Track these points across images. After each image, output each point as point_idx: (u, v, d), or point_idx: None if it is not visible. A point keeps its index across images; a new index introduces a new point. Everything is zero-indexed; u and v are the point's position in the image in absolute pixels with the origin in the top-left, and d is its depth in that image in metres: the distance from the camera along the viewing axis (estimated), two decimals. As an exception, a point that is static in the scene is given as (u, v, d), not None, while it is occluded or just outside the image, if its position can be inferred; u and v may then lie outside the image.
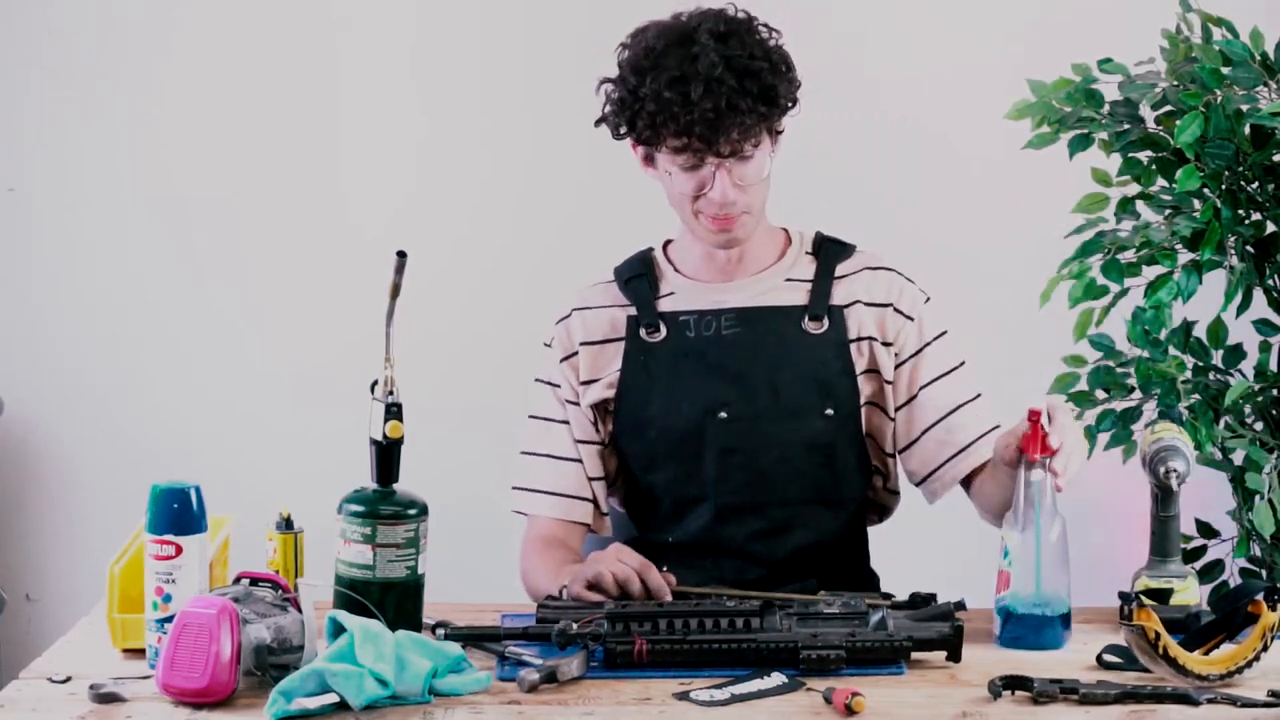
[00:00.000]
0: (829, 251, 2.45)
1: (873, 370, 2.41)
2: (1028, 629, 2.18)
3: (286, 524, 2.32)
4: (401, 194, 3.70)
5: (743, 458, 2.37)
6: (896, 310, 2.42)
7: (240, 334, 3.71)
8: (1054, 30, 3.55)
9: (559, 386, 2.47)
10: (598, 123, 2.39)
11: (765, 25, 2.34)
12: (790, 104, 2.32)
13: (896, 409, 2.43)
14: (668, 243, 2.50)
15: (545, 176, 3.69)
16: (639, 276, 2.46)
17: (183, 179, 3.69)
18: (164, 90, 3.68)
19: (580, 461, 2.45)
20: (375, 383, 2.14)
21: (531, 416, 2.49)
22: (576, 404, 2.45)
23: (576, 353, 2.45)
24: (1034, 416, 2.17)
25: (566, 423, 2.46)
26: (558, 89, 3.69)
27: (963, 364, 2.45)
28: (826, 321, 2.40)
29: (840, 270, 2.43)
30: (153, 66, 3.67)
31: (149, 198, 3.70)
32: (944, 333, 2.44)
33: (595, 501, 2.47)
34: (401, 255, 2.13)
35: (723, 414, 2.37)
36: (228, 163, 3.69)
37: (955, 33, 3.65)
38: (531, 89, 3.68)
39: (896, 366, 2.42)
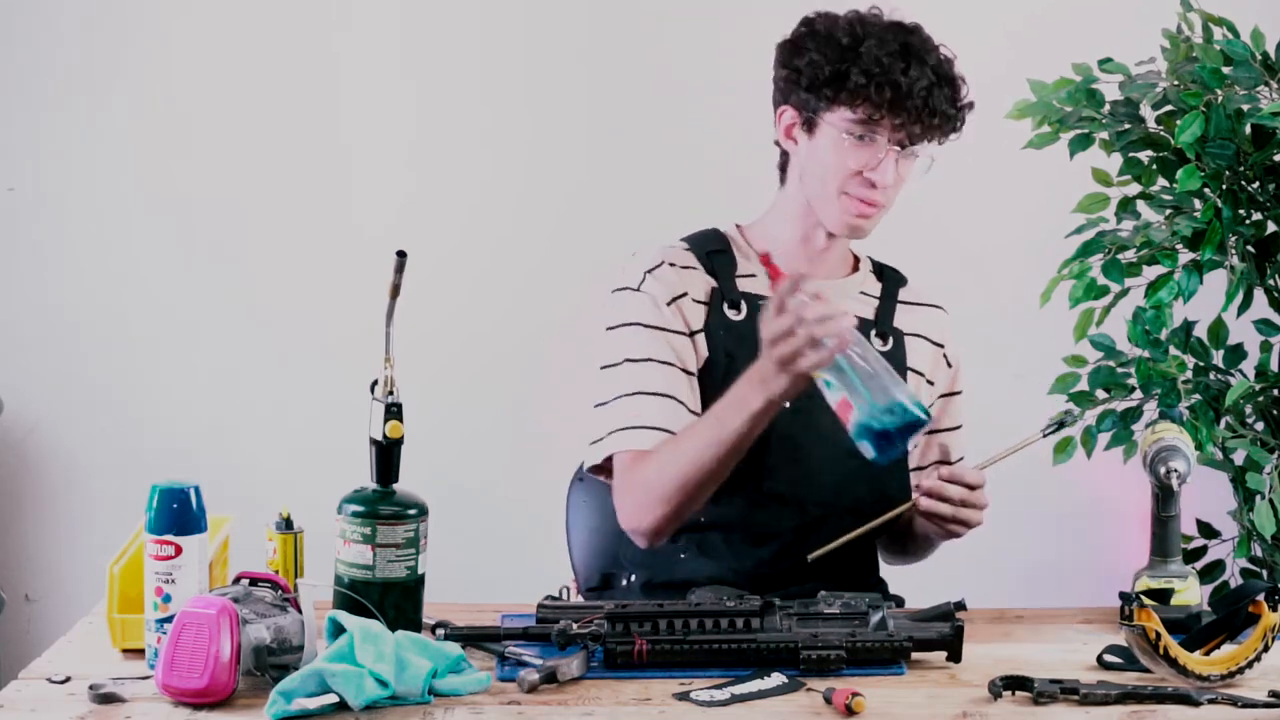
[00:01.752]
0: (890, 277, 2.51)
1: None
2: (895, 437, 2.16)
3: (286, 524, 2.32)
4: (401, 194, 3.70)
5: (797, 450, 2.37)
6: (945, 355, 2.51)
7: (240, 334, 3.71)
8: (1054, 30, 3.55)
9: (665, 328, 2.38)
10: (789, 70, 2.38)
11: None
12: (962, 124, 2.39)
13: (913, 444, 2.47)
14: (739, 226, 2.50)
15: (545, 176, 3.69)
16: (719, 252, 2.46)
17: (183, 179, 3.69)
18: (163, 90, 3.68)
19: (684, 404, 2.38)
20: (375, 383, 2.14)
21: (614, 364, 2.39)
22: (689, 336, 2.40)
23: (684, 295, 2.41)
24: (764, 259, 2.22)
25: (668, 364, 2.37)
26: (558, 89, 3.69)
27: (962, 427, 2.55)
28: (891, 341, 2.45)
29: (901, 296, 2.50)
30: (153, 66, 3.67)
31: (149, 198, 3.69)
32: (963, 391, 2.54)
33: None
34: (401, 255, 2.13)
35: (786, 403, 2.37)
36: (228, 163, 3.68)
37: (955, 33, 3.64)
38: (531, 89, 3.68)
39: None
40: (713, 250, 2.45)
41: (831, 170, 2.36)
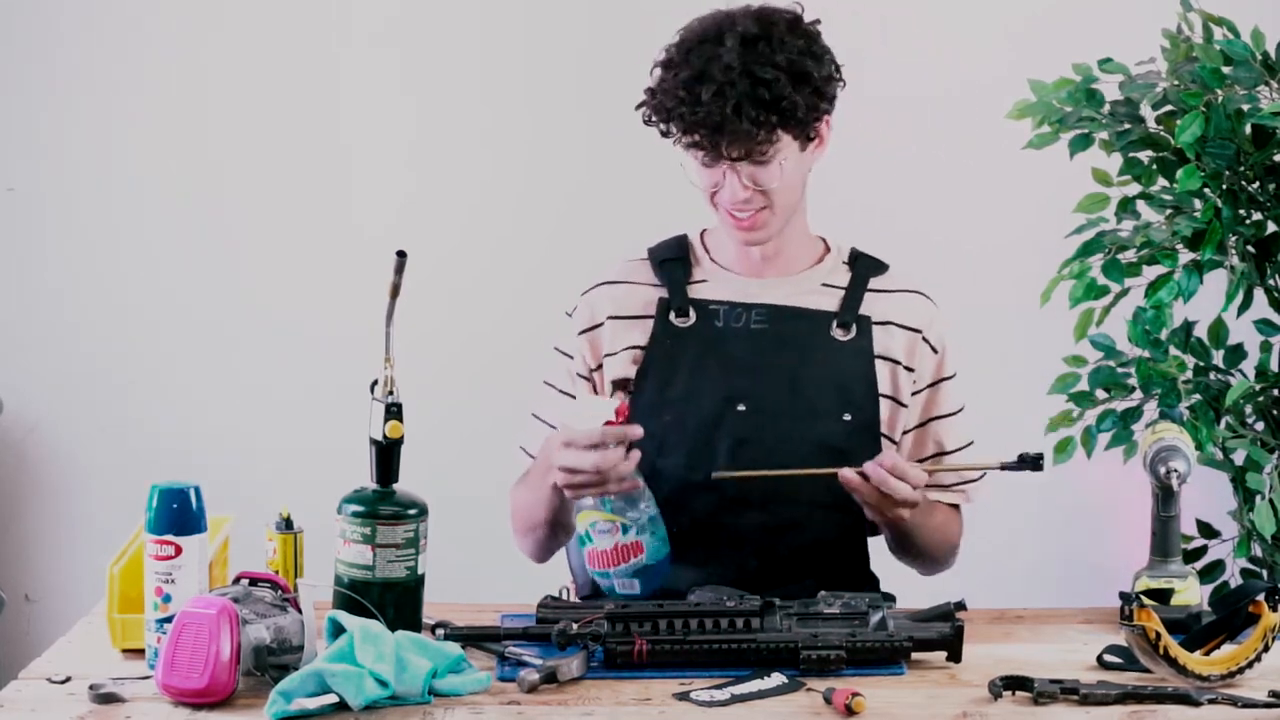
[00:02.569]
0: (864, 264, 2.48)
1: (890, 396, 2.43)
2: (660, 573, 2.28)
3: (286, 524, 2.32)
4: (401, 194, 3.70)
5: (756, 451, 2.37)
6: (925, 339, 2.45)
7: (240, 334, 3.71)
8: (1054, 30, 3.55)
9: (572, 359, 2.47)
10: (637, 107, 2.41)
11: (806, 29, 2.34)
12: (813, 115, 2.32)
13: (904, 432, 2.45)
14: (704, 230, 2.51)
15: (545, 176, 3.69)
16: (674, 260, 2.46)
17: (183, 179, 3.69)
18: (163, 89, 3.68)
19: None
20: (375, 383, 2.14)
21: (545, 382, 2.50)
22: (587, 378, 2.45)
23: (600, 325, 2.45)
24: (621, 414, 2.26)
25: (574, 397, 2.45)
26: (558, 89, 3.69)
27: (963, 409, 2.49)
28: (854, 330, 2.42)
29: (874, 284, 2.46)
30: (153, 66, 3.67)
31: (149, 198, 3.69)
32: (955, 374, 2.48)
33: None
34: (401, 255, 2.13)
35: (741, 406, 2.37)
36: (229, 163, 3.69)
37: (955, 33, 3.65)
38: (531, 89, 3.68)
39: (913, 394, 2.45)
40: (667, 259, 2.47)
41: (701, 191, 2.37)
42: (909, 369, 2.44)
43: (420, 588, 2.13)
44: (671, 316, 2.42)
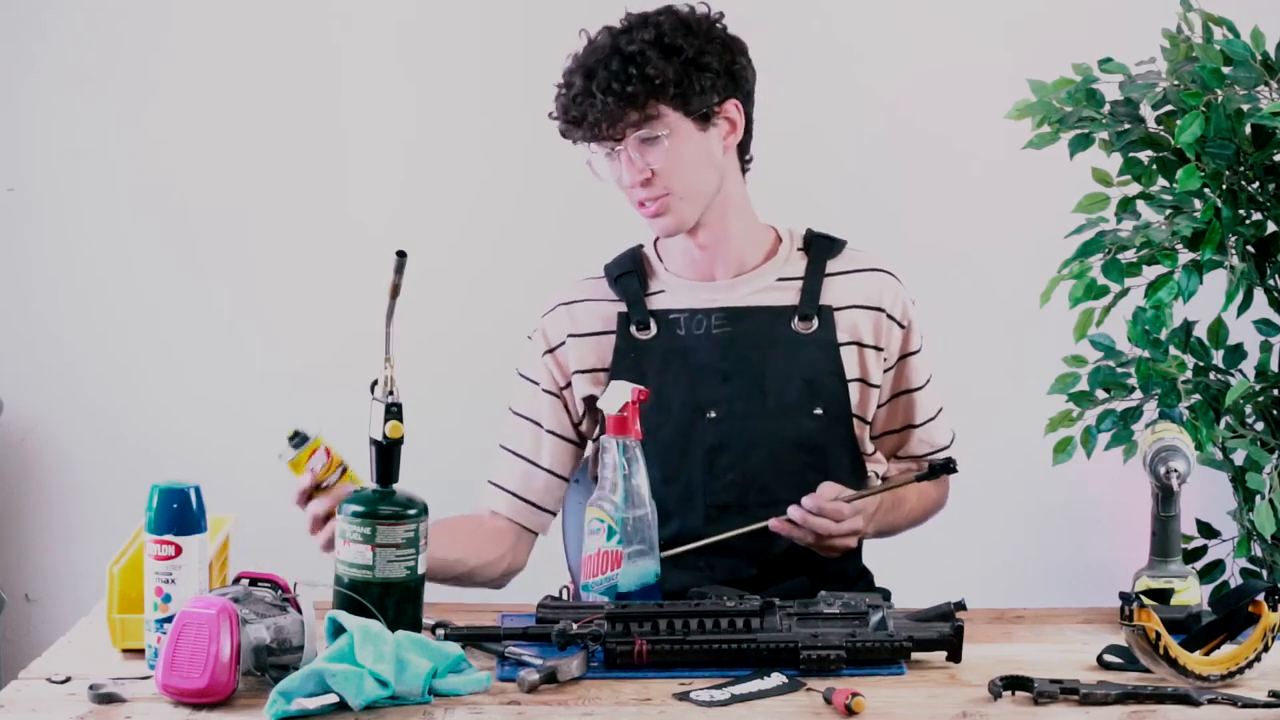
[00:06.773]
0: (819, 247, 2.45)
1: (860, 379, 2.43)
2: (651, 592, 2.24)
3: (300, 439, 2.28)
4: (401, 193, 3.70)
5: (731, 457, 2.37)
6: (889, 316, 2.44)
7: (240, 334, 3.71)
8: (1054, 30, 3.55)
9: (538, 383, 2.48)
10: (551, 116, 2.43)
11: (700, 16, 2.35)
12: (696, 89, 2.32)
13: (876, 407, 2.45)
14: (657, 239, 2.51)
15: (545, 175, 3.69)
16: (629, 274, 2.46)
17: (182, 178, 3.69)
18: (163, 89, 3.68)
19: (551, 473, 2.48)
20: (375, 382, 2.14)
21: (512, 411, 2.51)
22: (558, 395, 2.46)
23: (563, 344, 2.46)
24: (640, 397, 2.22)
25: (540, 425, 2.47)
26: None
27: (931, 378, 2.49)
28: (816, 321, 2.41)
29: (832, 268, 2.44)
30: (152, 66, 3.67)
31: (149, 197, 3.69)
32: (921, 348, 2.48)
33: (552, 512, 2.50)
34: (401, 255, 2.13)
35: (711, 414, 2.37)
36: (228, 162, 3.69)
37: (955, 33, 3.65)
38: (531, 89, 3.66)
39: (884, 371, 2.44)
40: (621, 274, 2.47)
41: (613, 188, 2.38)
42: (877, 348, 2.43)
43: (420, 588, 2.13)
44: (632, 330, 2.43)
